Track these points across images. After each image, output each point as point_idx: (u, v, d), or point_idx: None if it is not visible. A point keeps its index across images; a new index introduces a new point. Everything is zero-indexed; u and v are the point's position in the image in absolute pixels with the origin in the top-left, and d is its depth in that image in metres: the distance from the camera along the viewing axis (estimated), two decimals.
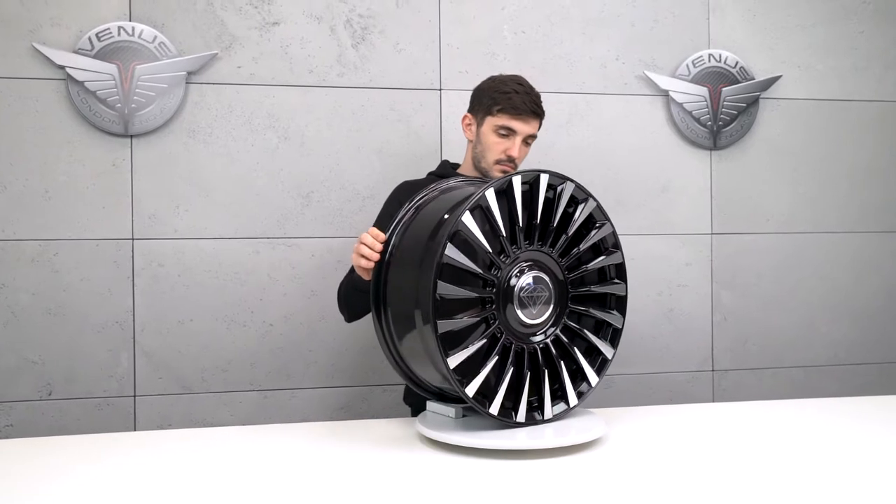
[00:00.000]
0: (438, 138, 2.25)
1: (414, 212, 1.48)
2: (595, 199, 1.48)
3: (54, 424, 2.06)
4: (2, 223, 2.03)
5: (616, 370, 2.37)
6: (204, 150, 2.13)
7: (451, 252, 1.27)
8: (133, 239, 2.09)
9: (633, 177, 2.37)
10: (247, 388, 2.16)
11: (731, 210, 2.43)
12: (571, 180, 1.44)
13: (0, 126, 2.02)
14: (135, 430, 2.10)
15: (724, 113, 2.39)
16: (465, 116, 1.81)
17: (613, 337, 1.51)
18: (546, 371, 1.39)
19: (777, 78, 2.43)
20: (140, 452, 1.34)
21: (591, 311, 1.47)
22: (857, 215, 2.50)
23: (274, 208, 2.17)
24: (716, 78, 2.39)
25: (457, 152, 2.16)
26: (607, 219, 1.50)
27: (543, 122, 2.29)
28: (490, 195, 1.31)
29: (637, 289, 2.37)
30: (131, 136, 2.09)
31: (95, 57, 2.04)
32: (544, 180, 1.38)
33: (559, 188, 1.44)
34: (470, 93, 2.27)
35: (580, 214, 1.45)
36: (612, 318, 1.51)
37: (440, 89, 2.25)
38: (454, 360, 1.27)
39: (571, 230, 1.43)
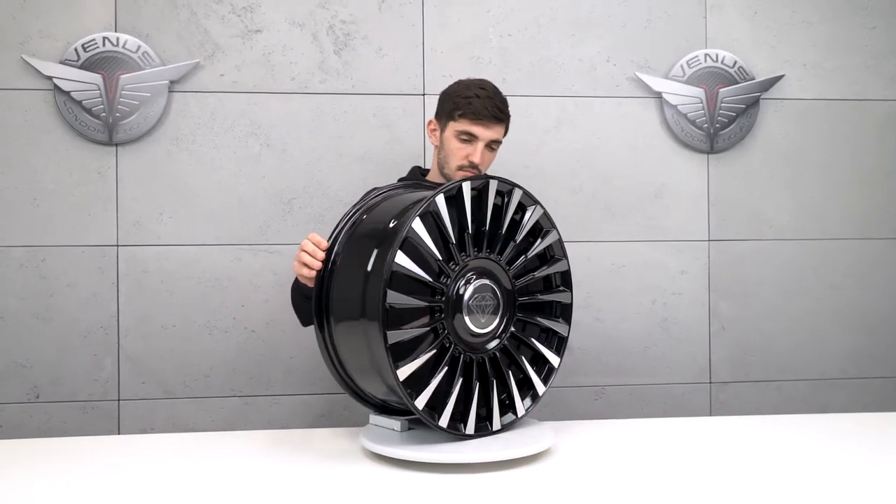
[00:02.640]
0: (422, 144, 2.22)
1: (357, 218, 1.45)
2: (542, 206, 1.44)
3: (42, 426, 2.11)
4: None
5: (608, 381, 2.30)
6: (187, 157, 2.15)
7: (401, 260, 1.24)
8: (118, 245, 2.13)
9: (625, 182, 2.30)
10: (228, 393, 2.17)
11: (729, 216, 2.33)
12: (520, 187, 1.41)
13: None
14: (119, 433, 2.13)
15: (722, 115, 2.30)
16: (429, 122, 1.78)
17: (559, 345, 1.48)
18: (494, 381, 1.36)
19: (779, 77, 2.33)
20: (100, 456, 1.37)
21: (538, 319, 1.43)
22: (866, 221, 2.37)
23: (256, 215, 2.18)
24: (712, 78, 2.30)
25: None
26: (553, 226, 1.47)
27: (531, 124, 2.26)
28: (440, 201, 1.29)
29: (629, 297, 2.30)
30: (116, 145, 2.12)
31: (81, 67, 2.09)
32: (493, 186, 1.35)
33: (507, 195, 1.40)
34: None
35: (528, 221, 1.41)
36: (558, 326, 1.48)
37: (423, 94, 2.23)
38: (403, 372, 1.24)
39: (520, 237, 1.39)
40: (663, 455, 1.38)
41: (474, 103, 1.65)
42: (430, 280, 1.29)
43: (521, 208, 1.43)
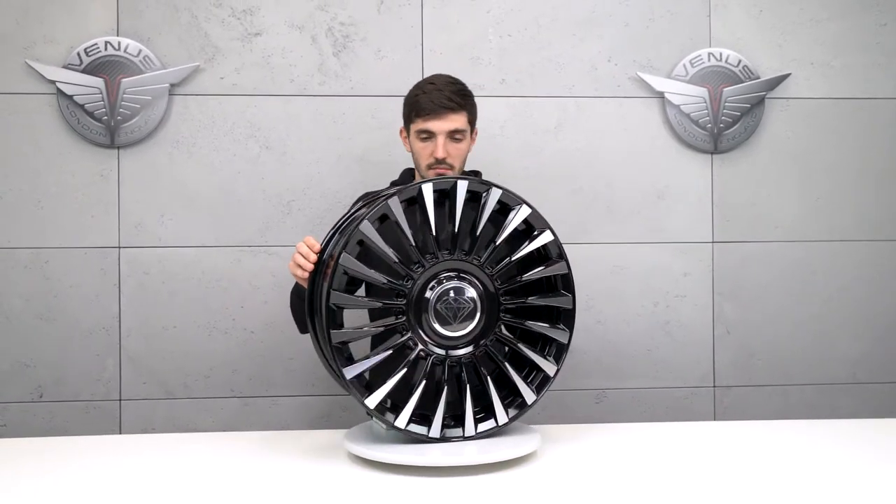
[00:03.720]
0: None
1: (343, 222, 1.45)
2: (530, 206, 1.40)
3: (45, 426, 2.14)
4: None
5: (609, 384, 2.27)
6: (187, 160, 2.17)
7: (346, 261, 1.25)
8: (119, 247, 2.15)
9: (626, 183, 2.27)
10: (228, 394, 2.19)
11: (734, 217, 2.29)
12: (499, 187, 1.38)
13: None
14: (120, 433, 2.16)
15: (726, 115, 2.26)
16: (400, 130, 1.77)
17: (559, 353, 1.43)
18: (468, 386, 1.34)
19: (785, 76, 2.28)
20: (99, 456, 1.39)
21: (528, 324, 1.40)
22: (876, 222, 2.32)
23: (255, 217, 2.19)
24: (716, 78, 2.26)
25: None
26: (547, 226, 1.41)
27: (531, 125, 2.24)
28: (394, 203, 1.29)
29: (631, 299, 2.27)
30: (118, 148, 2.15)
31: (83, 71, 2.11)
32: (462, 187, 1.33)
33: (485, 195, 1.38)
34: None
35: (510, 221, 1.38)
36: (555, 332, 1.42)
37: None
38: (351, 371, 1.25)
39: (500, 239, 1.37)
40: (665, 460, 1.35)
41: (422, 100, 1.65)
42: (383, 282, 1.30)
43: (508, 210, 1.41)
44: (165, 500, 1.16)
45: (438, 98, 1.63)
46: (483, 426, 1.36)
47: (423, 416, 1.35)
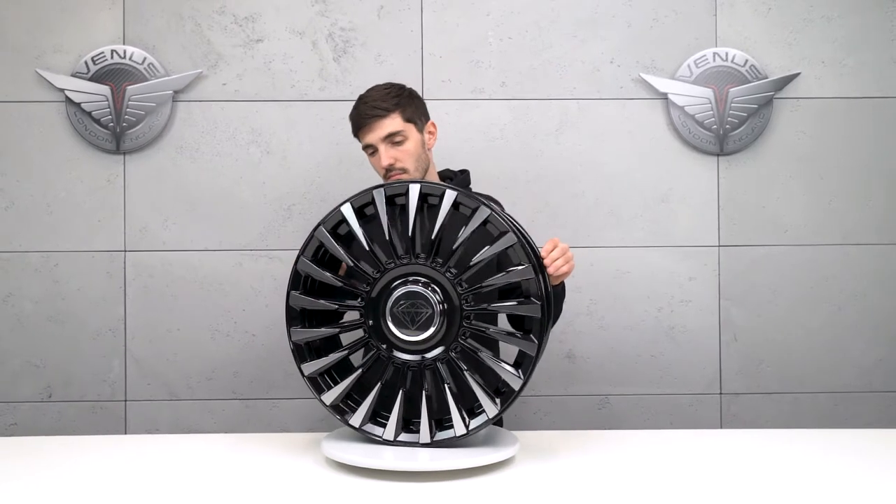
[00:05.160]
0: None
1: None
2: (489, 207, 1.32)
3: (54, 425, 2.20)
4: (9, 236, 2.19)
5: (612, 390, 2.24)
6: (191, 165, 2.21)
7: (303, 265, 1.30)
8: (125, 251, 2.20)
9: (629, 186, 2.24)
10: (230, 396, 2.21)
11: (741, 220, 2.24)
12: (456, 189, 1.33)
13: (8, 146, 2.18)
14: (125, 433, 2.20)
15: (732, 116, 2.21)
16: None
17: (527, 364, 1.33)
18: (424, 393, 1.33)
19: (795, 76, 2.22)
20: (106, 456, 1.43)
21: (490, 332, 1.35)
22: (892, 225, 2.24)
23: (257, 221, 2.22)
24: (722, 78, 2.21)
25: (441, 163, 2.10)
26: (511, 228, 1.33)
27: (531, 128, 2.22)
28: (346, 209, 1.31)
29: (634, 304, 2.24)
30: (124, 154, 2.20)
31: (91, 79, 2.17)
32: (414, 191, 1.32)
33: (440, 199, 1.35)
34: (453, 102, 2.25)
35: (470, 225, 1.32)
36: (520, 343, 1.34)
37: (422, 99, 2.22)
38: (308, 368, 1.33)
39: (457, 244, 1.33)
40: (669, 468, 1.32)
41: (352, 117, 1.70)
42: (338, 284, 1.34)
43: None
44: (164, 500, 1.18)
45: (365, 110, 1.65)
46: (442, 434, 1.33)
47: (406, 420, 1.36)
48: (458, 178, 1.83)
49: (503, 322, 1.63)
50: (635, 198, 2.24)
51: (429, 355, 1.32)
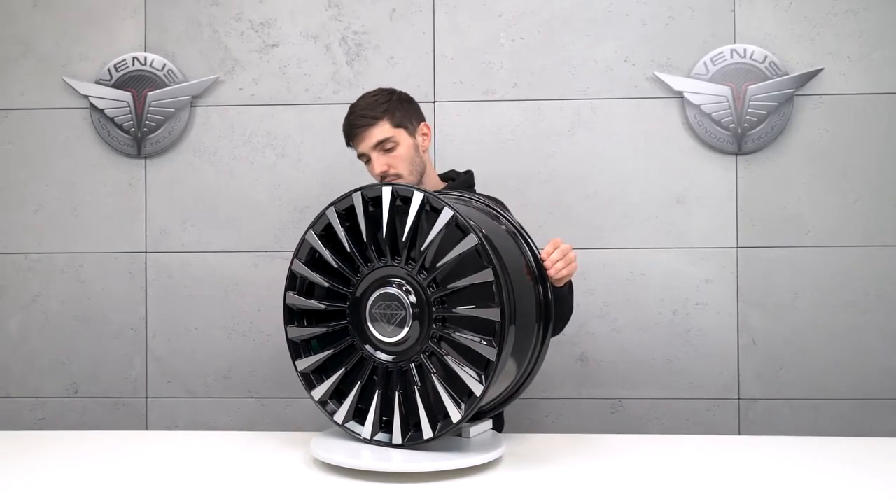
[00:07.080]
0: (432, 151, 2.23)
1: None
2: (452, 209, 1.28)
3: (79, 420, 2.28)
4: (38, 238, 2.28)
5: (626, 393, 2.21)
6: (209, 168, 2.26)
7: (297, 267, 1.37)
8: (146, 252, 2.27)
9: (643, 186, 2.20)
10: (245, 394, 2.26)
11: (760, 221, 2.19)
12: (423, 191, 1.31)
13: (36, 151, 2.28)
14: (146, 429, 2.27)
15: (751, 114, 2.16)
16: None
17: (488, 370, 1.26)
18: (397, 393, 1.33)
19: (817, 72, 2.16)
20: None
21: (457, 335, 1.29)
22: None
23: (272, 223, 2.26)
24: (740, 75, 2.16)
25: (452, 164, 2.11)
26: (473, 230, 1.27)
27: (544, 128, 2.20)
28: (330, 213, 1.35)
29: (648, 307, 2.20)
30: (145, 158, 2.27)
31: (113, 86, 2.24)
32: (387, 193, 1.32)
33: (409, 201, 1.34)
34: (465, 104, 2.25)
35: (436, 226, 1.29)
36: (481, 347, 1.27)
37: (434, 101, 2.23)
38: (302, 364, 1.42)
39: (424, 244, 1.30)
40: (683, 475, 1.29)
41: (344, 129, 1.71)
42: (327, 285, 1.37)
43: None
44: (179, 495, 1.21)
45: (353, 120, 1.67)
46: (416, 436, 1.33)
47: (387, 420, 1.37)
48: (461, 179, 1.83)
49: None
50: (650, 198, 2.20)
51: (403, 357, 1.33)
